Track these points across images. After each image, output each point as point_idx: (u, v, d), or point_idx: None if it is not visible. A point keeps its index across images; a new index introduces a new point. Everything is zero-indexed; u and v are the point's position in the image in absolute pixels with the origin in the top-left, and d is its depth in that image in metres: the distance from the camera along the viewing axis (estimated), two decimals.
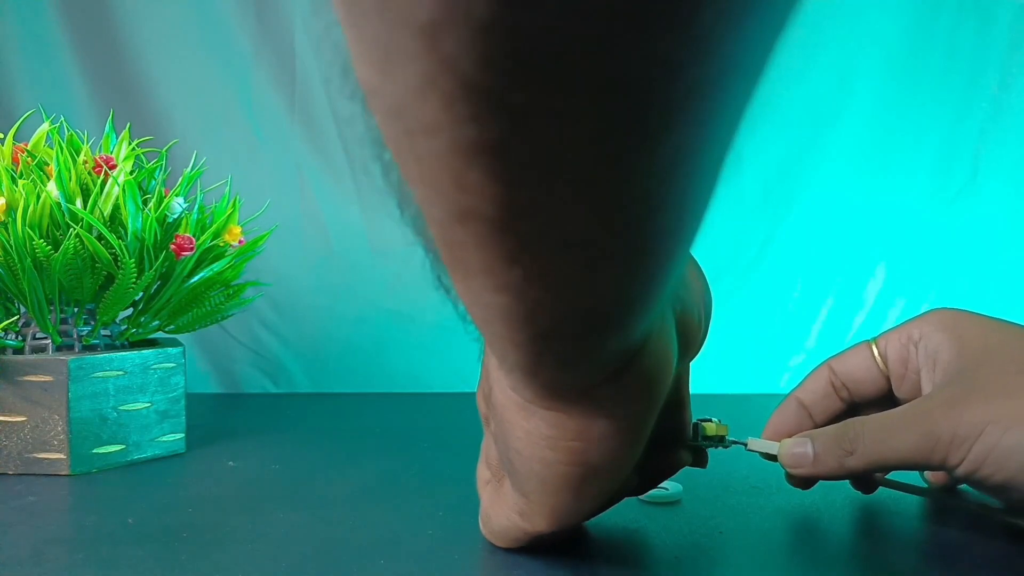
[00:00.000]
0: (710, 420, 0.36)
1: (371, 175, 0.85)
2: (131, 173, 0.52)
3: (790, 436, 0.36)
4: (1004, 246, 0.80)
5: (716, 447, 0.36)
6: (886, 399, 0.36)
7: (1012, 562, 0.32)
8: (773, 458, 0.36)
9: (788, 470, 0.35)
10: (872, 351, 0.36)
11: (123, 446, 0.50)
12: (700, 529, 0.37)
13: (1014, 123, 0.79)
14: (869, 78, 0.80)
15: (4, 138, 0.51)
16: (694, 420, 0.36)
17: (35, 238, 0.46)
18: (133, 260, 0.48)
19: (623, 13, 0.11)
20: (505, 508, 0.29)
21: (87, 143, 0.53)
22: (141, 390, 0.51)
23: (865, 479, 0.38)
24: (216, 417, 0.70)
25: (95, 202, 0.49)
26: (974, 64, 0.79)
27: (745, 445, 0.37)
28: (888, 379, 0.36)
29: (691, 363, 0.31)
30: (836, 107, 0.80)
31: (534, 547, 0.32)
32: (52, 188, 0.48)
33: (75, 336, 0.51)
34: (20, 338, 0.51)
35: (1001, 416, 0.28)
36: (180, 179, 0.55)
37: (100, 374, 0.49)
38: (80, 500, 0.42)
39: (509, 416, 0.24)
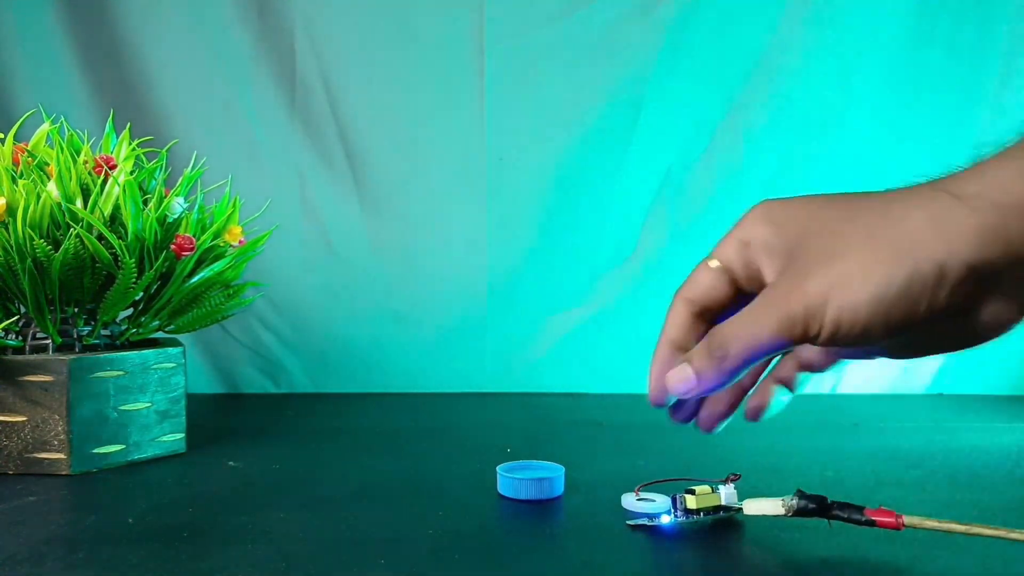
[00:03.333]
0: (692, 490, 0.37)
1: (371, 175, 0.85)
2: (131, 173, 0.52)
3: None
4: None
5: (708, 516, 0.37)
6: (741, 304, 0.37)
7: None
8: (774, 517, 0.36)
9: (679, 396, 0.37)
10: (712, 266, 0.38)
11: (123, 446, 0.50)
12: (695, 528, 0.37)
13: (1014, 123, 0.79)
14: (870, 78, 0.80)
15: (4, 138, 0.51)
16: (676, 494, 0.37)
17: (35, 238, 0.46)
18: (133, 260, 0.48)
19: None
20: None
21: (87, 143, 0.53)
22: (141, 390, 0.51)
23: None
24: (216, 417, 0.70)
25: (95, 202, 0.49)
26: (974, 64, 0.79)
27: (740, 510, 0.37)
28: (735, 286, 0.38)
29: None
30: (837, 107, 0.81)
31: None
32: (52, 188, 0.48)
33: (75, 336, 0.51)
34: (20, 338, 0.51)
35: (838, 278, 0.31)
36: (180, 179, 0.55)
37: (100, 374, 0.49)
38: (80, 500, 0.42)
39: None
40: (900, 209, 0.31)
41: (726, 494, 0.37)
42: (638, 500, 0.41)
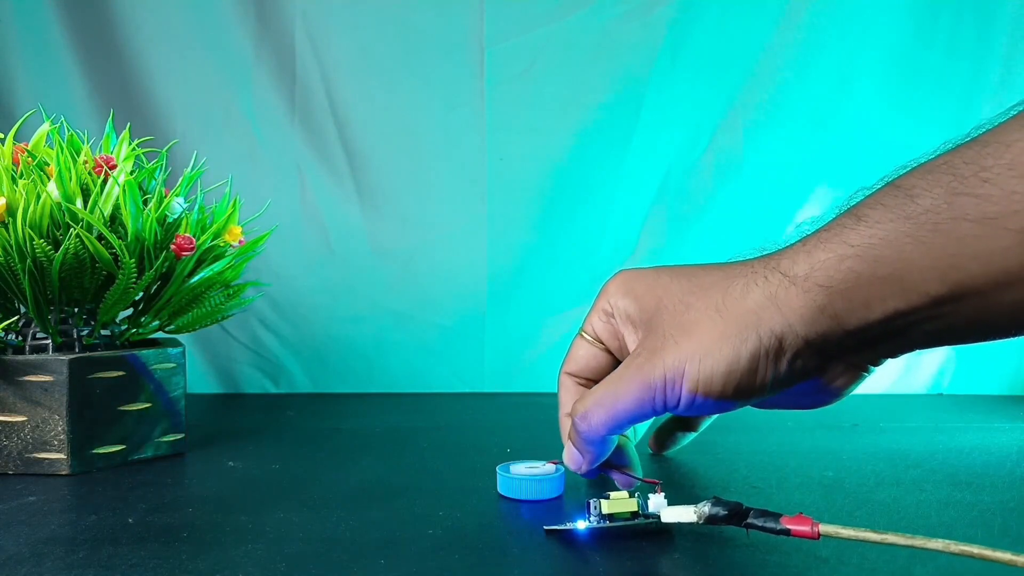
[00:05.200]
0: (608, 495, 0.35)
1: (371, 175, 0.85)
2: (131, 173, 0.52)
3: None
4: None
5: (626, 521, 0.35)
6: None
7: None
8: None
9: (581, 473, 0.39)
10: (586, 339, 0.40)
11: (123, 446, 0.50)
12: (699, 529, 0.37)
13: None
14: (869, 78, 0.80)
15: (4, 138, 0.51)
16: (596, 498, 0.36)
17: (35, 238, 0.46)
18: (133, 260, 0.48)
19: None
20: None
21: (87, 143, 0.53)
22: (141, 390, 0.51)
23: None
24: (216, 417, 0.70)
25: (95, 202, 0.49)
26: (974, 64, 0.79)
27: (659, 518, 0.35)
28: (610, 354, 0.40)
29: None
30: (837, 108, 0.81)
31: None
32: (52, 188, 0.48)
33: (75, 336, 0.51)
34: (20, 338, 0.51)
35: (693, 352, 0.33)
36: (180, 179, 0.55)
37: (100, 374, 0.49)
38: (80, 500, 0.42)
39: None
40: (742, 287, 0.34)
41: (655, 502, 0.35)
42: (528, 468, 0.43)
